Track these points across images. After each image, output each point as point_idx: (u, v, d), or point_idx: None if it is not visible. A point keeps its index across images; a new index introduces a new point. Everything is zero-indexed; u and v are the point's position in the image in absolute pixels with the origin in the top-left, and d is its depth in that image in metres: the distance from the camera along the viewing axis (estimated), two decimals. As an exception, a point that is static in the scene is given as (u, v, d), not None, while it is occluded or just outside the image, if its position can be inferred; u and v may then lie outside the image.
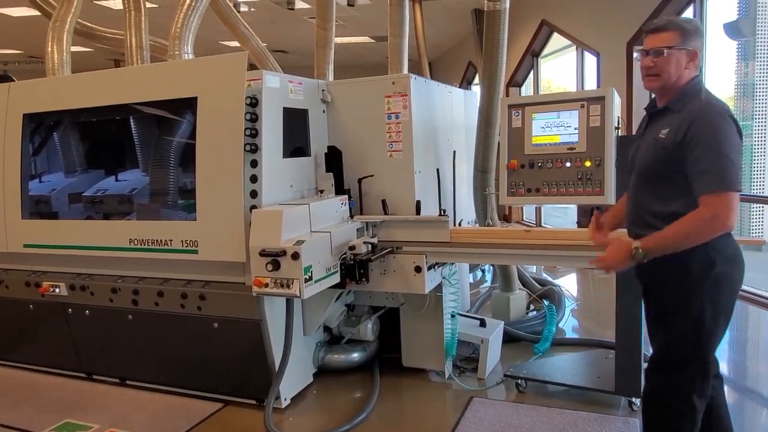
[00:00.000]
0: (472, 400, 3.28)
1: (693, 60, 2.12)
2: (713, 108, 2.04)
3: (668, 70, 2.11)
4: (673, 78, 2.12)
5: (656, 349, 2.24)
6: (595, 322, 4.81)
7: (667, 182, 2.10)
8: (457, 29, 12.01)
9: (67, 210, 3.62)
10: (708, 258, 2.04)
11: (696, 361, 2.12)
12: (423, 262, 3.13)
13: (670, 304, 2.15)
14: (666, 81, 2.13)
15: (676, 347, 2.15)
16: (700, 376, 2.12)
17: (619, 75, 6.33)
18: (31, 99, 3.60)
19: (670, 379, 2.17)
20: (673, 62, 2.10)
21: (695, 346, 2.11)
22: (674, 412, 2.16)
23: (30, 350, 3.94)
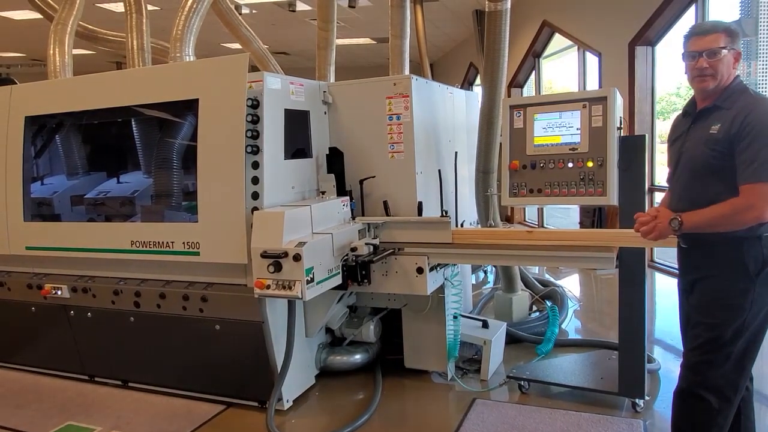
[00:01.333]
0: (475, 402, 3.26)
1: (737, 60, 2.18)
2: (766, 102, 2.09)
3: (722, 71, 2.17)
4: (725, 78, 2.18)
5: (696, 345, 2.21)
6: (597, 322, 4.80)
7: (720, 177, 2.11)
8: (458, 30, 12.01)
9: (69, 212, 3.62)
10: (761, 254, 2.06)
11: (733, 359, 2.12)
12: (425, 264, 3.12)
13: (714, 300, 2.15)
14: (720, 81, 2.18)
15: (714, 344, 2.14)
16: (736, 374, 2.13)
17: (621, 75, 6.32)
18: (32, 102, 3.61)
19: (704, 375, 2.16)
20: (725, 63, 2.17)
21: (734, 344, 2.11)
22: (711, 409, 2.15)
23: (32, 352, 3.95)
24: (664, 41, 6.13)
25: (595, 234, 2.96)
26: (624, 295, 2.99)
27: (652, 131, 6.29)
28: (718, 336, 2.14)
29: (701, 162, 2.16)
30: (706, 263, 2.17)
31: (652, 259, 6.27)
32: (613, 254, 2.78)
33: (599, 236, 2.95)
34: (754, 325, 2.10)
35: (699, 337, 2.20)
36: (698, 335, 2.20)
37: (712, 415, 2.15)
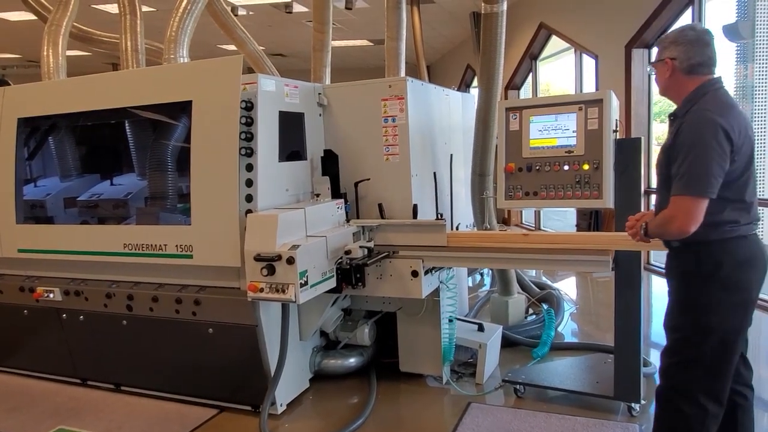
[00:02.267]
0: (470, 406, 3.24)
1: (670, 67, 2.18)
2: (702, 114, 2.07)
3: (658, 82, 2.30)
4: (662, 89, 2.28)
5: (666, 348, 2.24)
6: (594, 326, 4.79)
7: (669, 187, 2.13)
8: (455, 32, 12.01)
9: (61, 215, 3.59)
10: (716, 259, 2.08)
11: (703, 362, 2.11)
12: (420, 267, 3.10)
13: (678, 303, 2.19)
14: (660, 91, 2.31)
15: (682, 347, 2.17)
16: (709, 378, 2.11)
17: (618, 77, 6.32)
18: (25, 103, 3.58)
19: (677, 380, 2.19)
20: (657, 76, 2.28)
21: (701, 346, 2.11)
22: (683, 413, 2.15)
23: (24, 356, 3.91)
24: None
25: (591, 237, 2.95)
26: (620, 298, 2.97)
27: (649, 134, 6.29)
28: (683, 339, 2.16)
29: (659, 170, 2.22)
30: (672, 267, 2.23)
31: (648, 262, 6.26)
32: (608, 257, 2.76)
33: (595, 239, 2.93)
34: (721, 329, 2.09)
35: (668, 341, 2.23)
36: (668, 338, 2.24)
37: (687, 421, 2.14)
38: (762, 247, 2.15)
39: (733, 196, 2.07)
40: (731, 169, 2.03)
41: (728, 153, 2.01)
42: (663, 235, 2.16)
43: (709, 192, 2.00)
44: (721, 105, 2.09)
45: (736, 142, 2.02)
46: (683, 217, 2.02)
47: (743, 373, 2.30)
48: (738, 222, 2.08)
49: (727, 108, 2.08)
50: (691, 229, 2.01)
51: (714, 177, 2.00)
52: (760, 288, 2.15)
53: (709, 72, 2.16)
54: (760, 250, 2.13)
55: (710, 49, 2.16)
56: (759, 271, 2.13)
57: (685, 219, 2.01)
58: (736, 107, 2.12)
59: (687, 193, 2.02)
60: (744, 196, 2.09)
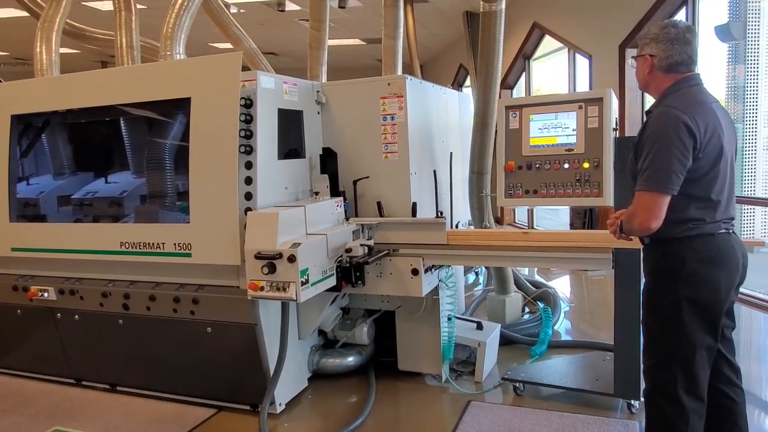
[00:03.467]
0: (470, 404, 3.24)
1: (648, 64, 2.19)
2: (665, 110, 2.07)
3: (637, 77, 2.31)
4: (641, 84, 2.30)
5: (644, 348, 2.26)
6: (589, 323, 4.80)
7: None
8: (447, 31, 12.02)
9: (56, 213, 3.55)
10: (680, 256, 2.08)
11: (676, 360, 2.11)
12: (420, 265, 3.10)
13: (647, 301, 2.21)
14: (640, 85, 2.33)
15: (656, 347, 2.17)
16: (684, 376, 2.10)
17: (612, 77, 6.35)
18: (19, 100, 3.53)
19: (655, 379, 2.19)
20: (637, 70, 2.29)
21: (672, 344, 2.11)
22: (664, 412, 2.15)
23: (17, 356, 3.86)
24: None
25: (590, 235, 2.96)
26: (619, 296, 2.99)
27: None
28: (655, 338, 2.17)
29: (630, 166, 2.23)
30: (645, 264, 2.25)
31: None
32: (609, 255, 2.77)
33: (595, 237, 2.94)
34: (689, 327, 2.07)
35: (644, 340, 2.24)
36: (643, 338, 2.25)
37: (670, 420, 2.13)
38: (733, 246, 2.12)
39: (699, 193, 2.06)
40: (696, 166, 2.02)
41: (690, 150, 1.99)
42: (630, 231, 2.14)
43: (669, 188, 1.99)
44: (689, 102, 2.07)
45: (700, 140, 2.00)
46: (643, 213, 2.03)
47: (728, 375, 2.27)
48: (703, 220, 2.07)
49: (694, 105, 2.06)
50: (652, 225, 2.01)
51: (674, 173, 1.99)
52: (732, 287, 2.12)
53: (687, 70, 2.16)
54: (729, 249, 2.10)
55: (690, 48, 2.15)
56: (728, 270, 2.09)
57: (646, 215, 2.02)
58: (707, 104, 2.09)
59: (647, 188, 2.02)
60: (710, 194, 2.07)
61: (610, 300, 5.61)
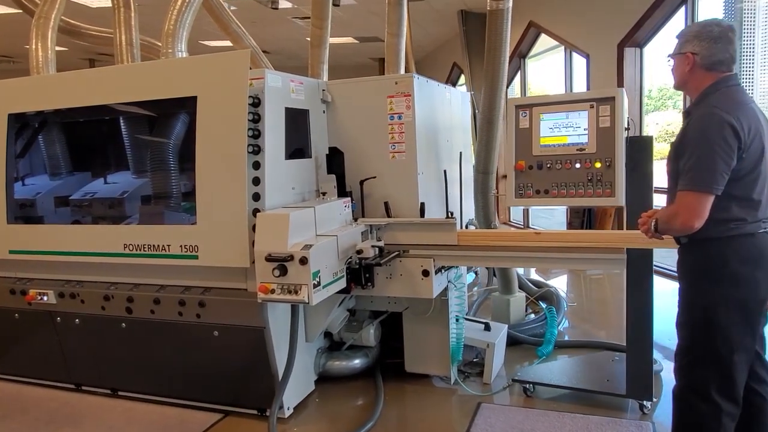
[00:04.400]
0: (481, 406, 3.21)
1: (690, 62, 2.17)
2: (710, 110, 2.07)
3: (674, 75, 2.28)
4: (678, 82, 2.27)
5: (678, 347, 2.25)
6: (588, 322, 4.79)
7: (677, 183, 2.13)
8: (442, 30, 11.99)
9: (55, 214, 3.45)
10: (721, 256, 2.09)
11: (711, 360, 2.11)
12: (431, 266, 3.06)
13: (686, 300, 2.20)
14: (676, 84, 2.30)
15: (690, 345, 2.18)
16: (721, 376, 2.11)
17: (610, 76, 6.36)
18: (17, 98, 3.43)
19: (688, 378, 2.20)
20: (675, 67, 2.26)
21: (709, 344, 2.11)
22: (696, 411, 2.16)
23: (15, 360, 3.76)
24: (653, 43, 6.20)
25: (603, 235, 2.94)
26: (632, 297, 2.97)
27: (640, 132, 6.35)
28: (693, 337, 2.17)
29: (668, 166, 2.23)
30: (681, 264, 2.24)
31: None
32: (623, 255, 2.75)
33: (608, 237, 2.93)
34: (728, 326, 2.09)
35: (680, 339, 2.24)
36: (679, 337, 2.24)
37: (702, 419, 2.14)
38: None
39: (741, 193, 2.07)
40: (739, 166, 2.04)
41: (735, 150, 2.01)
42: (669, 231, 2.16)
43: (714, 188, 2.01)
44: (732, 102, 2.08)
45: (744, 140, 2.02)
46: (687, 213, 2.03)
47: (760, 373, 2.29)
48: (745, 220, 2.08)
49: (737, 105, 2.08)
50: (695, 225, 2.02)
51: (720, 173, 2.00)
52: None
53: (728, 69, 2.16)
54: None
55: (732, 47, 2.16)
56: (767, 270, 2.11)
57: (689, 214, 2.03)
58: (747, 105, 2.11)
59: (692, 188, 2.03)
60: (752, 194, 2.08)
61: (609, 299, 5.69)
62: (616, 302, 5.70)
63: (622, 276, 6.15)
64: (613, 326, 4.75)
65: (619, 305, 5.65)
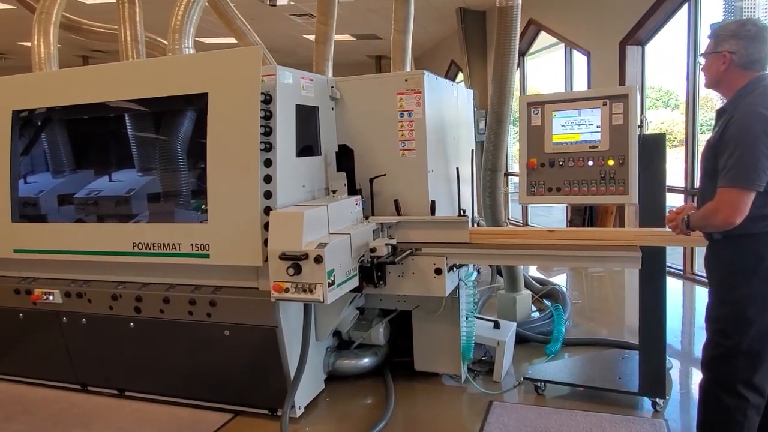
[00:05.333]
0: (492, 405, 3.20)
1: (726, 61, 2.18)
2: (752, 109, 2.09)
3: (708, 74, 2.28)
4: (711, 81, 2.27)
5: (707, 341, 2.26)
6: (591, 321, 4.80)
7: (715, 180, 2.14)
8: (439, 28, 11.96)
9: (61, 212, 3.40)
10: (758, 252, 2.10)
11: (742, 354, 2.13)
12: (444, 264, 3.04)
13: (718, 295, 2.22)
14: (709, 83, 2.30)
15: (721, 339, 2.19)
16: (749, 370, 2.13)
17: (611, 75, 6.36)
18: (22, 95, 3.37)
19: (716, 372, 2.22)
20: (709, 65, 2.26)
21: (740, 338, 2.13)
22: (722, 404, 2.18)
23: (19, 361, 3.71)
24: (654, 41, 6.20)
25: (616, 233, 2.93)
26: (645, 295, 2.97)
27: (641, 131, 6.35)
28: (722, 331, 2.19)
29: (704, 163, 2.26)
30: (713, 260, 2.26)
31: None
32: (639, 253, 2.75)
33: (621, 235, 2.92)
34: (761, 321, 2.11)
35: (708, 333, 2.26)
36: (708, 331, 2.26)
37: (728, 412, 2.17)
38: None
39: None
40: None
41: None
42: (706, 227, 2.19)
43: (756, 185, 2.03)
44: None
45: None
46: (729, 209, 2.05)
47: None
48: None
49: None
50: (736, 221, 2.04)
51: (762, 170, 2.03)
52: None
53: (762, 68, 2.17)
54: None
55: (766, 47, 2.17)
56: None
57: (731, 211, 2.04)
58: None
59: (734, 185, 2.04)
60: None
61: (611, 296, 5.70)
62: (617, 300, 5.72)
63: (622, 274, 6.18)
64: (615, 324, 4.77)
65: (621, 303, 5.68)
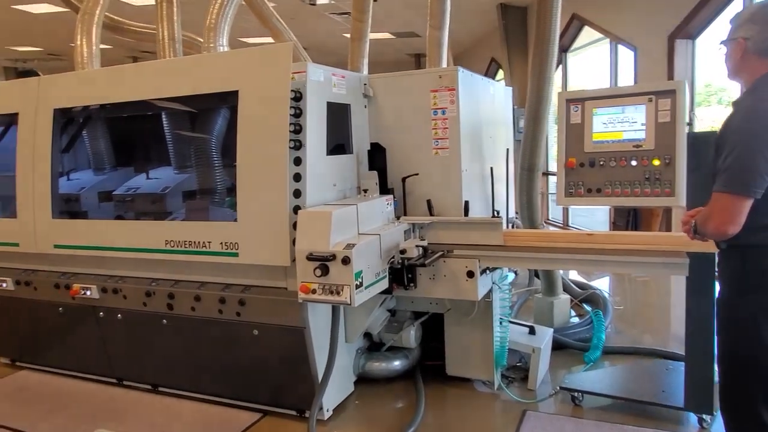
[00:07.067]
0: (526, 414, 3.08)
1: (742, 49, 1.96)
2: (755, 104, 1.88)
3: (727, 63, 2.08)
4: (731, 71, 2.07)
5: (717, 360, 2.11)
6: (634, 328, 4.59)
7: None
8: (479, 25, 11.77)
9: (97, 209, 3.47)
10: (762, 265, 1.89)
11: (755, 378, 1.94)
12: (476, 267, 2.94)
13: (722, 312, 2.04)
14: (729, 73, 2.10)
15: (731, 362, 2.02)
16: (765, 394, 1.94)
17: (660, 70, 6.08)
18: (62, 93, 3.45)
19: (731, 400, 2.05)
20: (728, 54, 2.05)
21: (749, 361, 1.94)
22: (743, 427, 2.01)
23: (60, 354, 3.81)
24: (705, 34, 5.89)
25: (660, 237, 2.77)
26: (692, 305, 2.79)
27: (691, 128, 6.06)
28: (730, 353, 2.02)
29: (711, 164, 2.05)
30: (720, 270, 2.08)
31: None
32: (685, 259, 2.58)
33: (666, 240, 2.75)
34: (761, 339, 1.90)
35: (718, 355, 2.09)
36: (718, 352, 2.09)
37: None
38: None
39: None
40: None
41: None
42: (705, 234, 1.97)
43: (752, 191, 1.81)
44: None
45: None
46: (720, 217, 1.85)
47: None
48: None
49: None
50: (728, 231, 1.84)
51: (760, 175, 1.80)
52: None
53: None
54: None
55: None
56: None
57: (723, 219, 1.85)
58: None
59: (727, 190, 1.84)
60: None
61: (656, 302, 5.45)
62: (662, 306, 5.46)
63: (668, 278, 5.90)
64: (659, 332, 4.55)
65: (666, 309, 5.42)
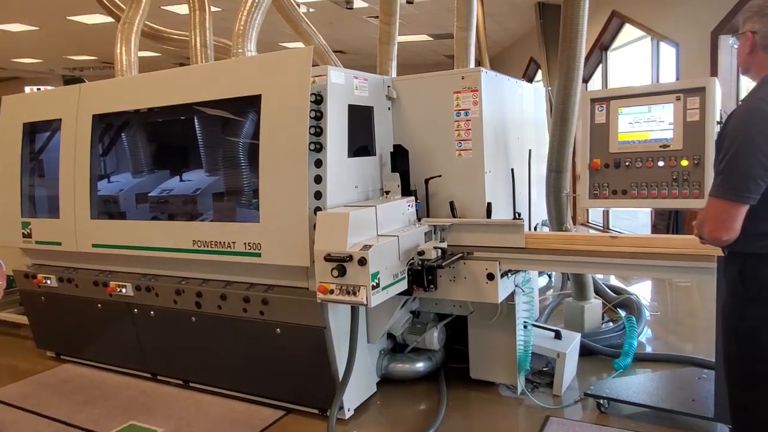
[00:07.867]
0: (549, 420, 3.03)
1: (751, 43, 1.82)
2: (753, 105, 1.77)
3: (737, 58, 1.97)
4: (742, 67, 1.96)
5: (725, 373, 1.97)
6: (673, 334, 4.43)
7: None
8: (518, 24, 11.63)
9: (133, 210, 3.63)
10: (761, 274, 1.77)
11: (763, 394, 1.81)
12: (496, 269, 2.91)
13: (724, 323, 1.92)
14: (741, 69, 1.98)
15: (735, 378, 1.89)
16: None
17: (703, 67, 5.85)
18: (99, 99, 3.63)
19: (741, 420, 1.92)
20: (737, 51, 1.94)
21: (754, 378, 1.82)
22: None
23: (98, 349, 3.99)
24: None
25: (689, 241, 2.66)
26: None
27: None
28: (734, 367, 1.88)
29: None
30: (720, 277, 2.00)
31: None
32: (713, 264, 2.48)
33: (694, 243, 2.64)
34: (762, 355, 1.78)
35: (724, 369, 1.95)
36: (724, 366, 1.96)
37: None
38: None
39: None
40: None
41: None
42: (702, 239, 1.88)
43: (744, 197, 1.70)
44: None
45: None
46: (713, 223, 1.76)
47: None
48: None
49: None
50: (722, 237, 1.74)
51: (753, 180, 1.69)
52: None
53: None
54: None
55: None
56: None
57: (715, 224, 1.75)
58: None
59: (720, 195, 1.74)
60: None
61: (697, 309, 5.24)
62: (705, 313, 5.23)
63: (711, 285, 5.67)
64: (700, 339, 4.36)
65: (708, 316, 5.18)
